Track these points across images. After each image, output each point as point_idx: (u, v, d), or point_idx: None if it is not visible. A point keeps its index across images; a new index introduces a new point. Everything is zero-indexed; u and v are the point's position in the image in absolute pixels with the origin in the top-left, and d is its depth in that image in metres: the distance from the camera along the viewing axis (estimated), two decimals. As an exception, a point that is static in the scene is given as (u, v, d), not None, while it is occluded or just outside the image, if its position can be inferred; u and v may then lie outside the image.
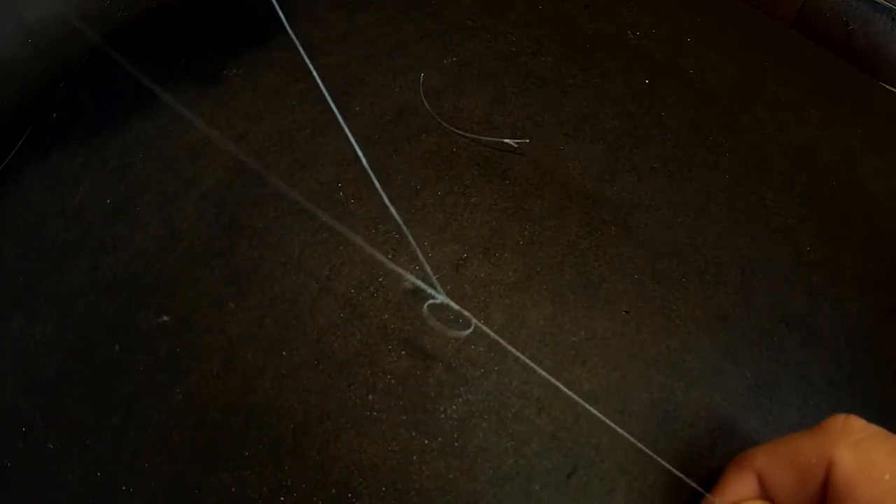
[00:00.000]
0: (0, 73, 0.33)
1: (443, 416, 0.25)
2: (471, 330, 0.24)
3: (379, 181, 0.30)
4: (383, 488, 0.24)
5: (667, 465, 0.24)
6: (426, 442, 0.25)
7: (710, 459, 0.25)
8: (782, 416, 0.26)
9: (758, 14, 0.38)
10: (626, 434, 0.24)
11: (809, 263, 0.29)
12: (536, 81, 0.34)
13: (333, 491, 0.24)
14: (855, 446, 0.18)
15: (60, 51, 0.35)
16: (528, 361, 0.25)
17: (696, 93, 0.34)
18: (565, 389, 0.24)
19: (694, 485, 0.23)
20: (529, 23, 0.36)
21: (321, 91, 0.33)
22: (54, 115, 0.33)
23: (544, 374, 0.24)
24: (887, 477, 0.18)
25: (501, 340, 0.24)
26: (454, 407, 0.25)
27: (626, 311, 0.27)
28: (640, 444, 0.24)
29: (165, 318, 0.27)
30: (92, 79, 0.34)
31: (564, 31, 0.36)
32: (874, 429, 0.19)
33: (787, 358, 0.27)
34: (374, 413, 0.25)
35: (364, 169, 0.31)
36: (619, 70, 0.34)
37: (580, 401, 0.24)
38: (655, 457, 0.24)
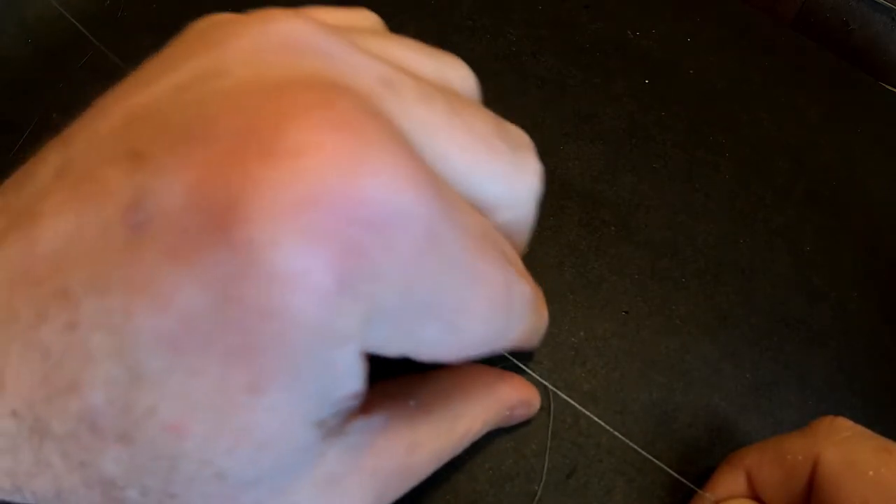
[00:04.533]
0: (0, 73, 0.33)
1: (442, 416, 0.25)
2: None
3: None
4: (383, 488, 0.24)
5: (662, 465, 0.24)
6: (426, 442, 0.25)
7: (709, 459, 0.25)
8: (782, 416, 0.26)
9: (758, 14, 0.38)
10: (621, 436, 0.24)
11: (809, 263, 0.29)
12: (536, 81, 0.34)
13: (333, 491, 0.24)
14: (840, 444, 0.19)
15: (60, 51, 0.35)
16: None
17: (696, 93, 0.34)
18: (578, 405, 0.24)
19: (688, 483, 0.23)
20: (529, 23, 0.36)
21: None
22: (54, 115, 0.33)
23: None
24: (871, 473, 0.18)
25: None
26: (454, 407, 0.25)
27: (626, 311, 0.27)
28: (636, 447, 0.24)
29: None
30: (92, 79, 0.34)
31: (564, 31, 0.36)
32: (860, 429, 0.20)
33: (786, 358, 0.27)
34: (374, 413, 0.25)
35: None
36: (619, 70, 0.34)
37: (578, 406, 0.24)
38: (652, 458, 0.24)
